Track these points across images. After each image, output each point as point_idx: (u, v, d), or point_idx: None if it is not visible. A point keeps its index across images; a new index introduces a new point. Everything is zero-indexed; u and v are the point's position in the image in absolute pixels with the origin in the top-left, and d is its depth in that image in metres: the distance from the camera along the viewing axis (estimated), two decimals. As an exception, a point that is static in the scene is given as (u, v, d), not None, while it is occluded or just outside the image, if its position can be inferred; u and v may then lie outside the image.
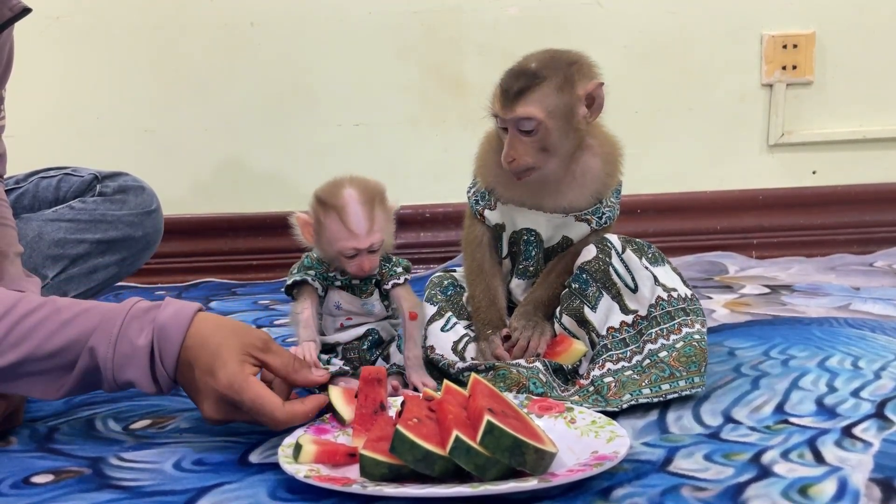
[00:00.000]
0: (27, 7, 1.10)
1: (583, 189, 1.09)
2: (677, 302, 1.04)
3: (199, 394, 0.88)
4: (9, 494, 0.81)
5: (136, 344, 0.87)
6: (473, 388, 0.82)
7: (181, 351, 0.87)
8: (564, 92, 1.01)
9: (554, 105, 1.01)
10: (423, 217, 1.95)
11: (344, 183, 1.03)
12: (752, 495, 0.74)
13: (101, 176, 1.42)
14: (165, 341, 0.87)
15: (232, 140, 1.95)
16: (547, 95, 1.00)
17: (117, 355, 0.87)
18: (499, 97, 1.02)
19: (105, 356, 0.86)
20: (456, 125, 1.92)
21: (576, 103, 1.02)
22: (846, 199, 1.96)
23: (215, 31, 1.91)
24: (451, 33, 1.92)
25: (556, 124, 1.02)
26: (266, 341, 0.90)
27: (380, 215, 1.02)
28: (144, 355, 0.87)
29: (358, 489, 0.74)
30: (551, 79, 1.01)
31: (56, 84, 1.92)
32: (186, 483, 0.82)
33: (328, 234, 1.02)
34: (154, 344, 0.87)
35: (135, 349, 0.87)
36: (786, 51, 1.92)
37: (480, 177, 1.14)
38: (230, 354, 0.86)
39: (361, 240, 1.01)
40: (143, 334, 0.87)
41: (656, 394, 0.97)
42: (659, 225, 1.94)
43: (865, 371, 1.07)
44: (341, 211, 1.01)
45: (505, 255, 1.15)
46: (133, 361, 0.87)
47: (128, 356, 0.87)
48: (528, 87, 1.00)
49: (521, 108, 1.00)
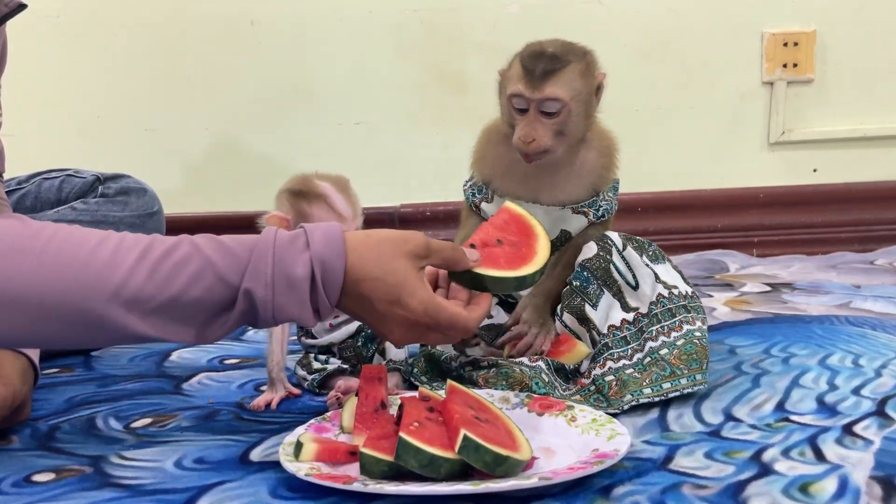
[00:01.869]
0: (22, 2, 1.08)
1: (580, 181, 1.09)
2: (678, 299, 1.04)
3: (383, 324, 0.83)
4: (10, 493, 0.81)
5: (294, 277, 0.80)
6: (448, 393, 0.84)
7: (346, 283, 0.81)
8: (586, 78, 1.03)
9: (578, 89, 1.02)
10: (423, 215, 1.95)
11: (311, 176, 1.06)
12: (753, 493, 0.74)
13: (103, 177, 1.43)
14: (327, 273, 0.80)
15: (232, 139, 1.95)
16: (573, 79, 1.01)
17: (277, 295, 0.80)
18: (523, 77, 1.01)
19: (264, 297, 0.80)
20: (456, 123, 1.91)
21: (593, 90, 1.04)
22: (847, 196, 1.96)
23: (215, 29, 1.91)
24: (452, 32, 1.92)
25: (577, 108, 1.03)
26: (425, 245, 0.84)
27: (356, 202, 1.06)
28: (305, 289, 0.80)
29: (359, 487, 0.74)
30: (575, 63, 1.02)
31: (56, 83, 1.92)
32: (187, 481, 0.82)
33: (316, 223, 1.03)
34: (315, 275, 0.80)
35: (293, 284, 0.80)
36: (786, 49, 1.91)
37: (477, 170, 1.14)
38: (412, 279, 0.81)
39: (349, 223, 1.03)
40: (298, 265, 0.80)
41: (657, 393, 0.97)
42: (659, 223, 1.94)
43: (866, 369, 1.07)
44: (327, 198, 1.03)
45: None
46: (293, 298, 0.80)
47: (287, 294, 0.80)
48: (555, 68, 1.00)
49: (549, 89, 1.00)
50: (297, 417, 0.99)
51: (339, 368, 1.07)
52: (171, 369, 1.23)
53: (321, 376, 1.07)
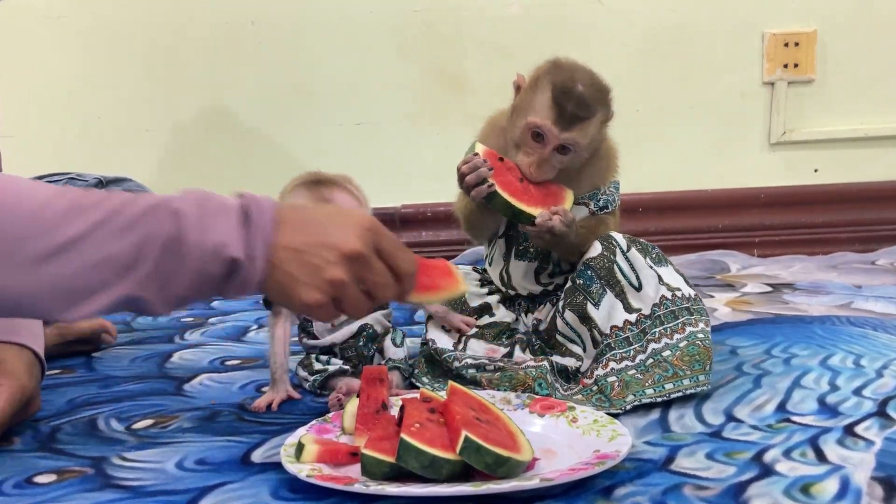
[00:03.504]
0: None
1: (579, 184, 1.10)
2: (681, 301, 1.04)
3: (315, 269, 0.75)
4: (11, 494, 0.81)
5: (226, 203, 0.75)
6: (449, 394, 0.84)
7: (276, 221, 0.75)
8: (603, 124, 1.07)
9: (594, 135, 1.06)
10: (424, 216, 1.95)
11: (317, 171, 1.07)
12: (754, 494, 0.74)
13: (105, 181, 1.43)
14: (257, 205, 0.75)
15: (233, 140, 1.95)
16: (594, 126, 1.06)
17: (205, 212, 0.74)
18: (551, 114, 1.03)
19: (190, 214, 0.73)
20: (457, 123, 1.91)
21: (605, 131, 1.09)
22: (848, 197, 1.96)
23: (216, 30, 1.92)
24: (452, 32, 1.92)
25: (587, 149, 1.07)
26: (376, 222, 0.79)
27: (348, 200, 1.06)
28: (235, 213, 0.75)
29: (360, 488, 0.74)
30: (600, 113, 1.06)
31: (57, 84, 1.93)
32: (189, 483, 0.82)
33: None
34: (246, 207, 0.75)
35: (224, 207, 0.75)
36: (787, 49, 1.91)
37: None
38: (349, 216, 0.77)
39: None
40: (229, 200, 0.76)
41: (660, 393, 0.97)
42: (660, 223, 1.94)
43: (867, 369, 1.07)
44: (349, 182, 1.05)
45: (500, 234, 1.15)
46: (222, 219, 0.74)
47: (216, 213, 0.74)
48: (584, 117, 1.04)
49: (574, 135, 1.04)
50: (298, 419, 0.99)
51: (340, 369, 1.07)
52: (172, 370, 1.23)
53: (322, 377, 1.07)
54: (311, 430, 0.88)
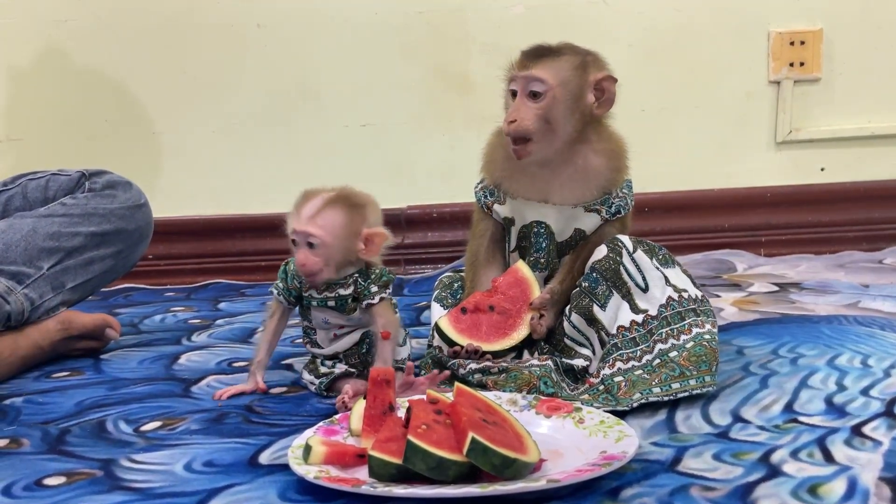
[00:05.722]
0: None
1: (587, 184, 1.10)
2: (688, 302, 1.04)
3: None
4: (21, 496, 0.82)
5: None
6: (456, 396, 0.84)
7: None
8: (578, 72, 1.06)
9: (567, 78, 1.05)
10: (430, 217, 1.95)
11: (325, 188, 1.07)
12: (762, 495, 0.74)
13: (88, 173, 1.43)
14: None
15: (239, 141, 1.96)
16: (563, 68, 1.05)
17: None
18: (517, 59, 1.07)
19: None
20: (462, 124, 1.92)
21: (586, 88, 1.06)
22: (854, 195, 1.95)
23: (222, 32, 1.92)
24: (457, 33, 1.92)
25: (564, 97, 1.05)
26: None
27: (335, 217, 1.03)
28: None
29: (367, 490, 0.74)
30: (570, 56, 1.06)
31: (63, 87, 1.93)
32: (197, 484, 0.82)
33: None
34: None
35: None
36: (793, 47, 1.91)
37: (487, 173, 1.15)
38: None
39: (300, 221, 1.03)
40: None
41: (666, 392, 0.97)
42: (666, 223, 1.93)
43: (875, 369, 1.07)
44: (302, 197, 1.05)
45: (513, 249, 1.15)
46: None
47: None
48: (546, 54, 1.05)
49: (536, 70, 1.04)
50: (305, 420, 0.99)
51: (346, 372, 1.07)
52: (179, 372, 1.23)
53: (329, 380, 1.07)
54: (319, 432, 0.89)
